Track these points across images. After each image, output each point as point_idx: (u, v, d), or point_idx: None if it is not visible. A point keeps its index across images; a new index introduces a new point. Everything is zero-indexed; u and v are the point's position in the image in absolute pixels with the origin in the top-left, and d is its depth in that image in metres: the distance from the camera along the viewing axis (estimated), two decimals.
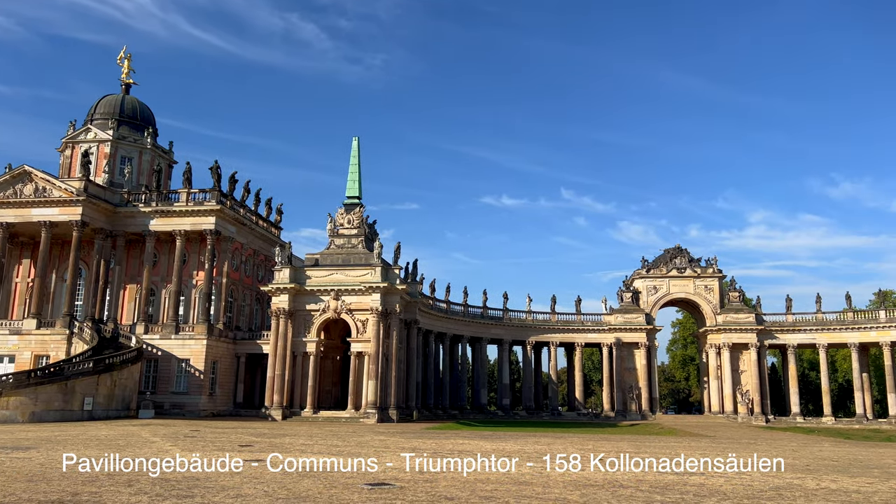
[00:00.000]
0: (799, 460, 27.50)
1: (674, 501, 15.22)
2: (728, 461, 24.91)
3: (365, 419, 56.83)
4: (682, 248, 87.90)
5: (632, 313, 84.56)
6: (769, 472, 21.96)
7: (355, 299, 60.66)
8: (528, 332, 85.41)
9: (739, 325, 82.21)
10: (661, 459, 23.30)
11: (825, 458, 29.34)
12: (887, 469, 24.25)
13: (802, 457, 29.54)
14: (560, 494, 16.00)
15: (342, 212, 65.23)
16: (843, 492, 17.41)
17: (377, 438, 35.66)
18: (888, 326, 78.05)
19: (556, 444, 33.68)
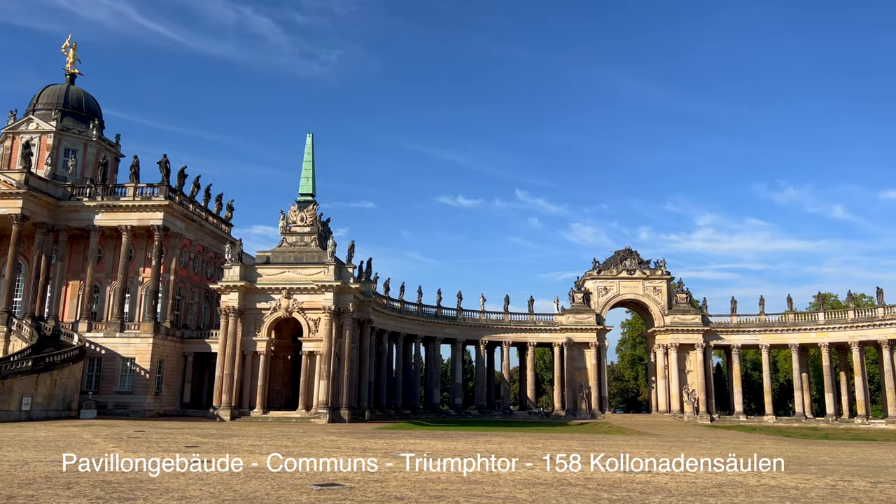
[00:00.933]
0: (740, 458, 28.27)
1: (620, 499, 15.47)
2: (674, 459, 25.47)
3: (316, 419, 56.25)
4: (631, 250, 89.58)
5: (583, 314, 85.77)
6: (712, 469, 22.53)
7: (307, 298, 59.98)
8: (481, 332, 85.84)
9: (686, 326, 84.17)
10: (609, 458, 23.69)
11: (765, 455, 30.18)
12: (823, 466, 25.15)
13: (743, 454, 30.34)
14: (510, 493, 16.10)
15: (295, 209, 64.43)
16: (781, 488, 17.97)
17: (328, 439, 35.32)
18: (826, 328, 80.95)
19: (506, 444, 33.93)
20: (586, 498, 15.50)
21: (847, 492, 17.38)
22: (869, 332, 77.63)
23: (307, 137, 67.86)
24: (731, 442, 40.79)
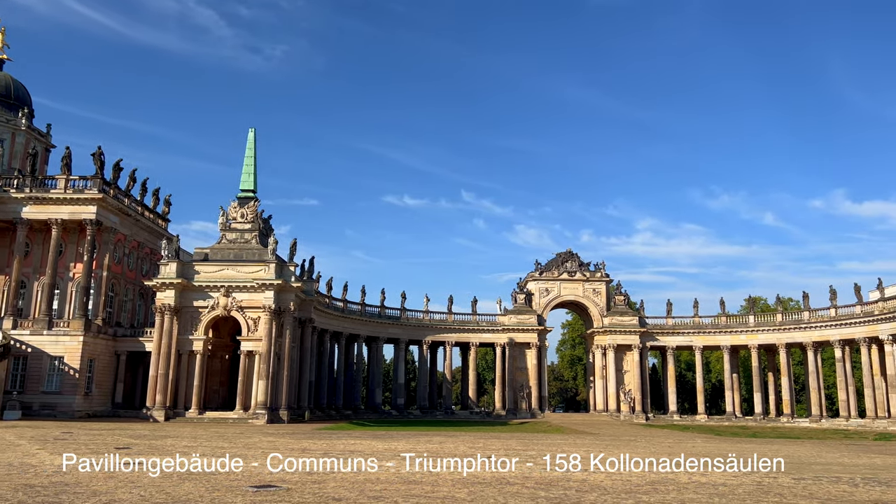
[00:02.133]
0: (673, 455, 29.09)
1: (557, 497, 15.71)
2: (610, 458, 26.00)
3: (254, 420, 55.23)
4: (573, 253, 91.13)
5: (524, 314, 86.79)
6: (646, 467, 23.12)
7: (247, 296, 58.83)
8: (424, 332, 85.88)
9: (624, 328, 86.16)
10: (545, 456, 24.04)
11: (697, 453, 31.18)
12: (751, 463, 26.05)
13: (676, 452, 31.27)
14: (448, 493, 16.15)
15: (235, 205, 63.10)
16: (711, 484, 18.57)
17: (266, 440, 34.73)
18: (756, 331, 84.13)
19: (447, 443, 34.03)
20: (524, 497, 15.69)
21: (772, 488, 18.08)
22: (795, 335, 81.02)
23: (249, 132, 66.60)
24: (665, 440, 41.93)
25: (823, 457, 29.93)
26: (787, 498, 16.22)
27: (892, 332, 70.11)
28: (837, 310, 77.96)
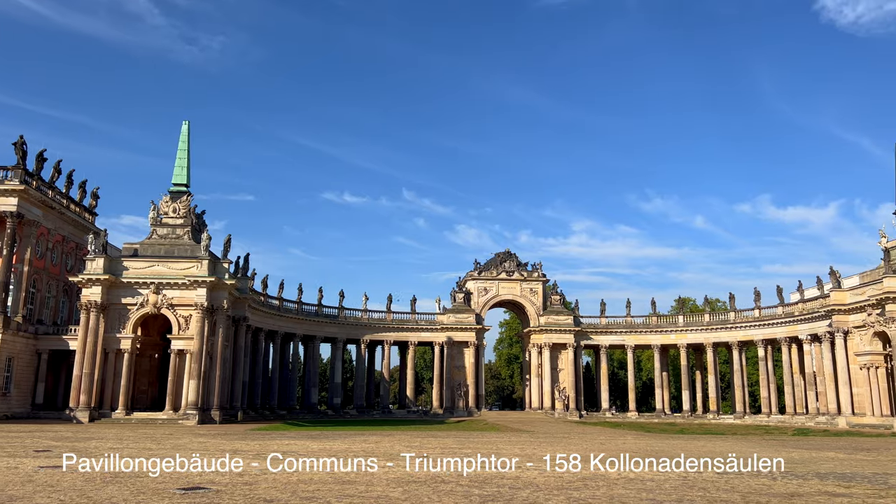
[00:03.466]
0: (605, 452, 29.78)
1: (490, 494, 15.85)
2: (544, 454, 26.42)
3: (185, 421, 53.72)
4: (511, 253, 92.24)
5: (463, 313, 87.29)
6: (578, 464, 23.58)
7: (178, 294, 57.17)
8: (362, 331, 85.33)
9: (559, 327, 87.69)
10: (480, 454, 24.21)
11: (627, 449, 32.04)
12: (678, 459, 26.91)
13: (608, 448, 32.05)
14: (383, 492, 16.08)
15: (167, 199, 61.23)
16: (640, 479, 19.08)
17: (196, 441, 33.82)
18: (685, 330, 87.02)
19: (383, 443, 33.91)
20: (458, 494, 15.76)
21: (697, 482, 18.70)
22: (722, 335, 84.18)
23: (183, 125, 64.86)
24: (598, 437, 42.90)
25: (745, 452, 31.12)
26: (710, 492, 16.80)
27: (810, 332, 73.63)
28: (761, 311, 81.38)
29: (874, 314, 62.76)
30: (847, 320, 67.13)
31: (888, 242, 66.36)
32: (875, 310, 62.56)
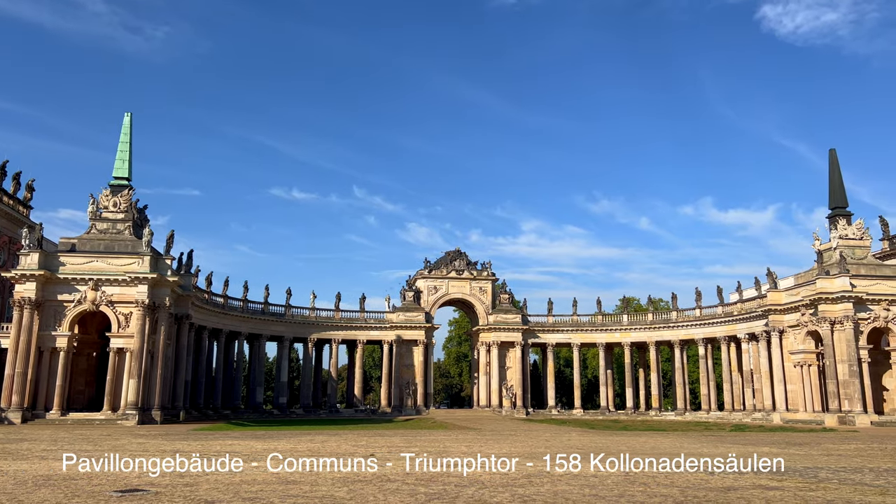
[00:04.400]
0: (550, 448, 30.20)
1: (437, 492, 15.88)
2: (490, 451, 26.61)
3: (124, 421, 52.15)
4: (461, 252, 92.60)
5: (413, 312, 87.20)
6: (524, 460, 23.84)
7: (118, 290, 55.44)
8: (310, 330, 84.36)
9: (508, 325, 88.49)
10: (427, 452, 24.24)
11: (572, 445, 32.56)
12: (620, 455, 27.47)
13: (553, 445, 32.50)
14: (328, 492, 15.94)
15: (107, 193, 59.30)
16: (584, 476, 19.41)
17: (135, 441, 32.90)
18: (629, 329, 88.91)
19: (329, 442, 33.62)
20: (404, 493, 15.73)
21: (639, 477, 19.13)
22: (664, 333, 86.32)
23: (125, 116, 62.88)
24: (543, 434, 43.46)
25: (686, 447, 32.01)
26: (651, 486, 17.21)
27: (748, 331, 76.15)
28: (702, 310, 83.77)
29: (807, 314, 65.30)
30: (782, 320, 69.66)
31: (821, 245, 69.15)
32: (808, 310, 65.09)
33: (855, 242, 67.90)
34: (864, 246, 68.43)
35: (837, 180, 71.72)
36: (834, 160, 72.46)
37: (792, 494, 15.88)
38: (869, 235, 69.31)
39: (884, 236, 76.56)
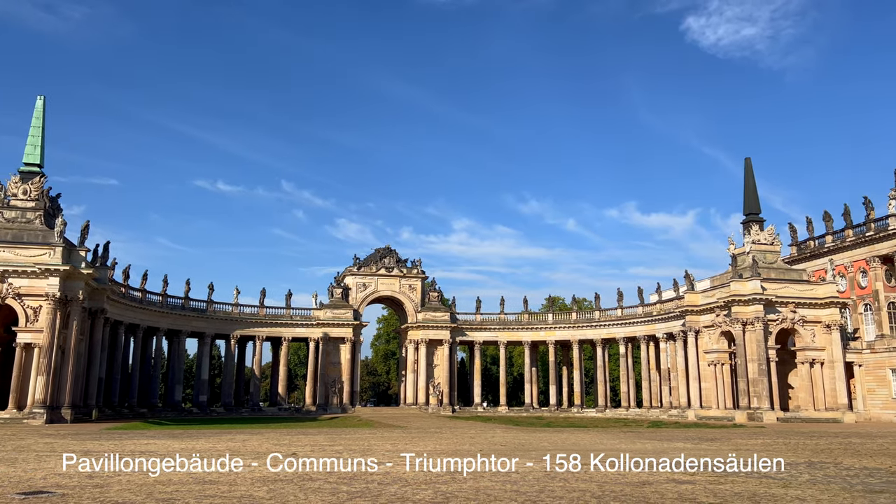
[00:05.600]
0: (475, 445, 30.48)
1: (359, 490, 15.75)
2: (415, 449, 26.61)
3: (30, 420, 49.48)
4: (391, 249, 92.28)
5: (341, 309, 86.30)
6: (448, 458, 23.94)
7: (26, 283, 52.55)
8: (233, 326, 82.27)
9: (436, 323, 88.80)
10: (351, 450, 24.03)
11: (496, 442, 32.97)
12: (543, 451, 28.01)
13: (478, 442, 32.81)
14: (247, 491, 15.56)
15: (17, 180, 56.11)
16: (506, 472, 19.64)
17: (42, 441, 31.28)
18: (554, 328, 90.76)
19: (251, 441, 32.88)
20: (325, 492, 15.54)
21: (559, 473, 19.53)
22: (587, 332, 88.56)
23: (38, 100, 59.75)
24: (469, 431, 43.82)
25: (605, 443, 32.93)
26: (570, 482, 17.59)
27: (666, 330, 79.00)
28: (623, 310, 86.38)
29: (722, 315, 68.28)
30: (698, 320, 72.60)
31: (736, 249, 72.45)
32: (723, 311, 68.07)
33: (767, 247, 71.43)
34: (775, 251, 72.10)
35: (752, 188, 75.24)
36: (749, 169, 76.00)
37: (702, 488, 16.54)
38: (779, 241, 73.09)
39: (792, 242, 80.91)
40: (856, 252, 72.02)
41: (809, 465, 22.62)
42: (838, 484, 17.48)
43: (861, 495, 15.50)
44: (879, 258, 69.30)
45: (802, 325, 66.88)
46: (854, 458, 25.05)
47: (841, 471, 20.77)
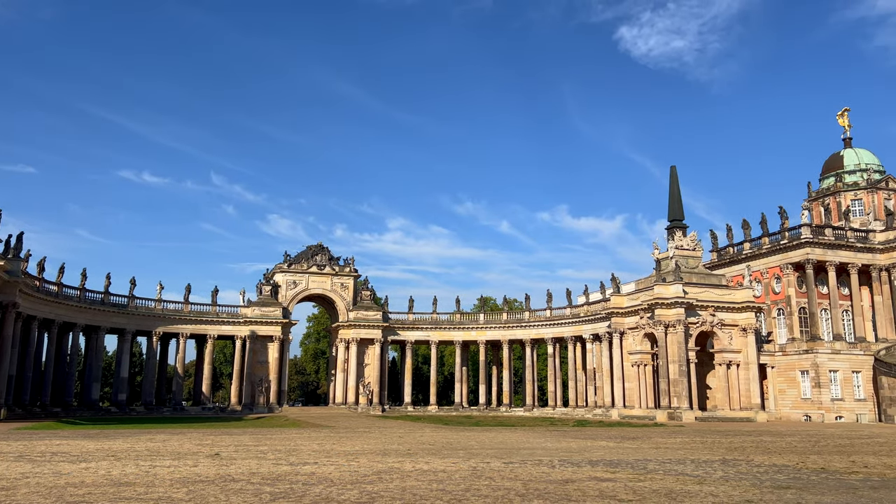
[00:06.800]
0: (403, 445, 30.45)
1: (283, 491, 15.47)
2: (342, 449, 26.33)
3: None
4: (323, 246, 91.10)
5: (269, 306, 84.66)
6: (375, 457, 23.84)
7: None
8: (156, 322, 79.49)
9: (368, 322, 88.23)
10: (277, 451, 23.61)
11: (425, 442, 33.01)
12: (470, 450, 28.24)
13: (406, 442, 32.79)
14: (165, 493, 15.06)
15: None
16: (433, 472, 19.71)
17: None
18: (485, 328, 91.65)
19: (171, 441, 31.86)
20: (248, 493, 15.20)
21: (485, 472, 19.71)
22: (517, 332, 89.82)
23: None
24: (397, 431, 43.72)
25: (531, 442, 33.46)
26: (496, 480, 17.79)
27: (593, 332, 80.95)
28: (552, 311, 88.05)
29: (645, 317, 70.46)
30: (623, 322, 74.68)
31: (660, 254, 74.89)
32: (646, 313, 70.26)
33: (689, 253, 74.12)
34: (697, 256, 74.91)
35: (676, 195, 77.94)
36: (674, 176, 78.70)
37: (623, 485, 17.02)
38: (701, 247, 75.95)
39: (713, 248, 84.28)
40: (771, 259, 75.64)
41: (724, 462, 23.60)
42: (749, 480, 18.30)
43: (769, 491, 16.27)
44: (792, 265, 73.00)
45: (721, 328, 69.70)
46: (764, 456, 26.29)
47: (752, 468, 21.75)
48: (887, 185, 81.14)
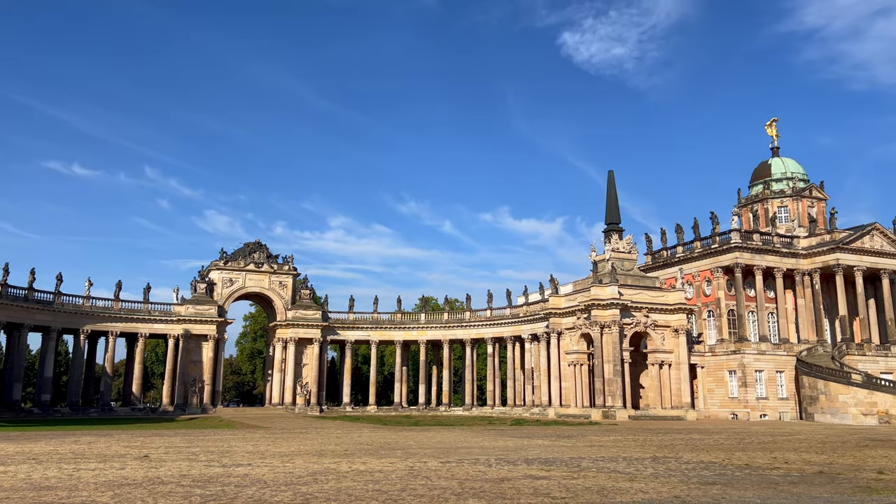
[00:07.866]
0: (340, 446, 30.18)
1: (214, 494, 15.12)
2: (277, 450, 25.90)
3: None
4: (262, 244, 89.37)
5: (204, 305, 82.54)
6: (311, 458, 23.55)
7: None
8: (83, 320, 76.40)
9: (307, 321, 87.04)
10: (209, 453, 23.08)
11: (362, 442, 32.81)
12: (408, 450, 28.22)
13: (343, 442, 32.51)
14: (89, 497, 14.51)
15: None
16: (369, 472, 19.61)
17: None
18: (426, 327, 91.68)
19: (98, 443, 30.73)
20: (177, 496, 14.78)
21: (422, 472, 19.73)
22: (458, 332, 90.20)
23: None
24: (335, 431, 43.32)
25: (469, 441, 33.66)
26: (433, 480, 17.83)
27: (532, 332, 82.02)
28: (492, 311, 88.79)
29: (582, 318, 71.83)
30: (561, 322, 75.95)
31: (597, 256, 76.50)
32: (583, 314, 71.63)
33: (625, 255, 75.92)
34: (632, 259, 76.80)
35: (613, 199, 79.73)
36: (611, 181, 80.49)
37: (557, 483, 17.30)
38: (636, 250, 77.90)
39: (648, 251, 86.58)
40: (702, 263, 78.27)
41: (654, 459, 24.28)
42: (677, 477, 18.88)
43: (696, 487, 16.82)
44: (722, 269, 75.71)
45: (654, 328, 71.66)
46: (693, 453, 27.17)
47: (681, 465, 22.45)
48: (811, 193, 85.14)
